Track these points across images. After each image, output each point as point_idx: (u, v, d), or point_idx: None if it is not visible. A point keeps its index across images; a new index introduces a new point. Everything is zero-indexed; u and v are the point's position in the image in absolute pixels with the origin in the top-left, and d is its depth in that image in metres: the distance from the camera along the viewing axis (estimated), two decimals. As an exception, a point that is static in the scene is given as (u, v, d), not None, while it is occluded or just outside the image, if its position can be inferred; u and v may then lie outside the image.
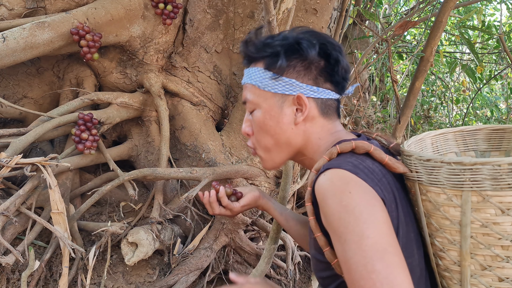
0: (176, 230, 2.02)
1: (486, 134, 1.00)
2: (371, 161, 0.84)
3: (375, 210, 0.74)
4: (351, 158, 0.82)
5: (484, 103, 5.07)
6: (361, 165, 0.80)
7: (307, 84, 0.92)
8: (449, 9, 2.02)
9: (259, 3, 2.22)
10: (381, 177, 0.81)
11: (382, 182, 0.80)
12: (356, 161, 0.81)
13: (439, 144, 1.00)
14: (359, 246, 0.70)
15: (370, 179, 0.78)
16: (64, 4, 1.87)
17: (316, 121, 0.94)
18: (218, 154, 2.08)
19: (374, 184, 0.78)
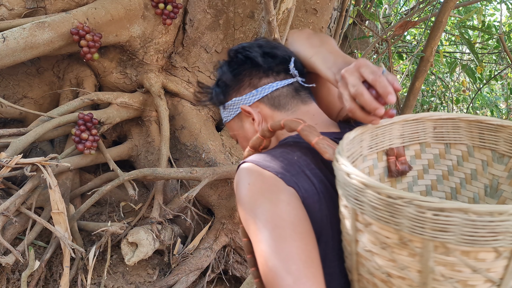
0: (176, 230, 2.02)
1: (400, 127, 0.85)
2: (303, 151, 0.78)
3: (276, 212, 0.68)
4: (276, 151, 0.79)
5: (484, 103, 5.07)
6: (281, 158, 0.76)
7: (245, 94, 0.94)
8: (449, 9, 2.02)
9: (259, 3, 2.22)
10: (300, 169, 0.74)
11: (300, 174, 0.73)
12: (279, 153, 0.77)
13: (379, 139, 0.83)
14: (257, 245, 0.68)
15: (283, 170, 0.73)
16: (64, 4, 1.87)
17: (275, 118, 0.92)
18: (218, 154, 2.08)
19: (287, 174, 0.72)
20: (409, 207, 0.55)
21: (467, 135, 0.83)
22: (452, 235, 0.54)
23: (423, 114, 0.84)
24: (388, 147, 0.84)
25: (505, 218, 0.52)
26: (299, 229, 0.67)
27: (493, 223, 0.52)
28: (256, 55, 0.92)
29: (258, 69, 0.93)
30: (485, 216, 0.52)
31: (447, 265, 0.56)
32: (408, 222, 0.56)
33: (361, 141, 0.80)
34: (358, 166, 0.79)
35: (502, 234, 0.53)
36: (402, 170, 0.84)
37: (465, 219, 0.53)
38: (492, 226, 0.52)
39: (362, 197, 0.61)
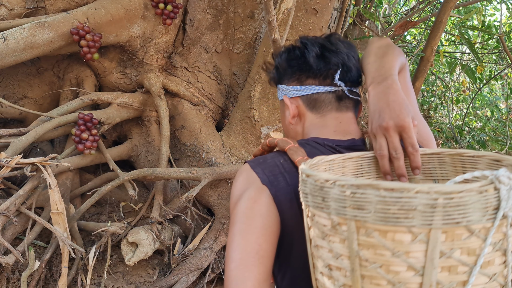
0: (176, 230, 2.02)
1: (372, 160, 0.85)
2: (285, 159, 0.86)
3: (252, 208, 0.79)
4: (269, 155, 0.90)
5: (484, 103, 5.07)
6: (269, 160, 0.87)
7: (292, 85, 0.99)
8: (449, 9, 2.02)
9: (259, 3, 2.22)
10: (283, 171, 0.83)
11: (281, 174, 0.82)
12: (270, 157, 0.88)
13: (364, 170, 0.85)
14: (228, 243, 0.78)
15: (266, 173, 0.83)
16: (64, 4, 1.86)
17: (306, 117, 0.99)
18: (218, 154, 2.08)
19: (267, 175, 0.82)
20: (334, 188, 0.60)
21: (452, 170, 0.84)
22: (367, 213, 0.57)
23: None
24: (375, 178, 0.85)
25: (413, 195, 0.53)
26: (255, 224, 0.77)
27: (402, 199, 0.54)
28: (310, 56, 0.95)
29: (309, 68, 0.96)
30: (394, 192, 0.54)
31: (370, 247, 0.58)
32: (334, 204, 0.60)
33: (343, 167, 0.82)
34: None
35: (412, 212, 0.54)
36: None
37: (377, 195, 0.55)
38: (401, 202, 0.54)
39: (305, 188, 0.66)
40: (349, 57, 0.94)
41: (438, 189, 0.53)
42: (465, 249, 0.56)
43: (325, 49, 0.94)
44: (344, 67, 0.93)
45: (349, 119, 0.96)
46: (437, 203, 0.53)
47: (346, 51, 0.94)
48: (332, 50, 0.94)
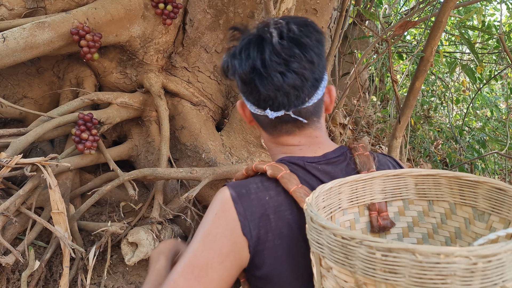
0: (176, 230, 2.02)
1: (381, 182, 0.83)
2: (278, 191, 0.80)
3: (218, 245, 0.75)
4: (255, 184, 0.81)
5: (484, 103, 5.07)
6: (253, 196, 0.79)
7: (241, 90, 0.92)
8: (449, 9, 2.02)
9: (259, 3, 2.23)
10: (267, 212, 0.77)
11: (264, 217, 0.77)
12: (254, 189, 0.80)
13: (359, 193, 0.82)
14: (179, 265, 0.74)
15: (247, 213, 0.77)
16: (64, 4, 1.87)
17: (262, 132, 0.92)
18: (218, 154, 2.08)
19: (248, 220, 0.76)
20: (360, 247, 0.56)
21: (448, 192, 0.82)
22: (401, 277, 0.54)
23: (403, 170, 0.83)
24: (369, 202, 0.83)
25: (451, 260, 0.51)
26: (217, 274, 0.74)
27: (439, 265, 0.52)
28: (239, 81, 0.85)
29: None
30: (431, 257, 0.52)
31: None
32: (360, 264, 0.57)
33: (339, 193, 0.80)
34: (337, 218, 0.80)
35: (450, 277, 0.52)
36: (384, 225, 0.83)
37: (412, 260, 0.53)
38: (439, 268, 0.52)
39: (322, 240, 0.62)
40: (286, 77, 0.79)
41: (477, 253, 0.51)
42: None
43: (254, 74, 0.80)
44: (278, 93, 0.80)
45: (308, 136, 0.88)
46: (477, 267, 0.52)
47: (284, 69, 0.79)
48: (262, 76, 0.79)
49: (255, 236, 0.76)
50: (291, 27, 0.80)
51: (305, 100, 0.82)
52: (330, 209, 0.78)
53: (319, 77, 0.83)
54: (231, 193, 0.79)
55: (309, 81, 0.81)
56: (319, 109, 0.88)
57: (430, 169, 0.83)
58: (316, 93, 0.83)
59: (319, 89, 0.84)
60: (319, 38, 0.83)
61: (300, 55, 0.79)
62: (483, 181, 0.76)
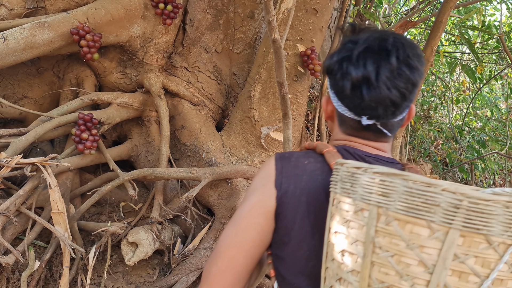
0: (176, 230, 2.02)
1: None
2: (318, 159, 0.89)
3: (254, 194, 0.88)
4: (300, 152, 0.93)
5: (484, 103, 5.07)
6: (293, 158, 0.90)
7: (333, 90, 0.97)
8: (449, 9, 2.02)
9: (259, 3, 2.22)
10: (302, 172, 0.87)
11: (298, 176, 0.86)
12: (297, 154, 0.92)
13: None
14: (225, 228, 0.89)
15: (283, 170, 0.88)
16: (64, 4, 1.86)
17: (336, 126, 0.99)
18: (218, 154, 2.08)
19: (282, 175, 0.87)
20: (364, 174, 0.63)
21: None
22: (392, 200, 0.59)
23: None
24: None
25: (439, 191, 0.55)
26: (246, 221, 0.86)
27: (428, 193, 0.56)
28: (346, 87, 0.89)
29: (344, 96, 0.93)
30: (422, 186, 0.56)
31: (386, 235, 0.60)
32: (361, 189, 0.64)
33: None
34: None
35: (435, 207, 0.55)
36: None
37: (404, 185, 0.58)
38: (426, 196, 0.56)
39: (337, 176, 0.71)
40: (392, 92, 0.85)
41: (465, 191, 0.54)
42: (480, 259, 0.56)
43: (365, 81, 0.85)
44: (379, 105, 0.86)
45: (376, 147, 0.94)
46: (461, 204, 0.54)
47: (393, 84, 0.85)
48: (371, 86, 0.85)
49: (284, 189, 0.85)
50: (406, 50, 0.87)
51: (396, 116, 0.90)
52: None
53: (413, 98, 0.91)
54: (276, 155, 0.92)
55: (407, 100, 0.88)
56: (400, 125, 0.95)
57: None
58: (405, 111, 0.92)
59: (408, 108, 0.92)
60: (423, 64, 0.91)
61: (409, 76, 0.86)
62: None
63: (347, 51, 0.90)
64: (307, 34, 1.97)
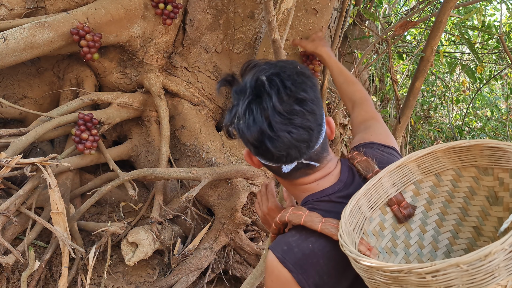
0: (176, 230, 2.02)
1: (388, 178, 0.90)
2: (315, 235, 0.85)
3: None
4: (293, 236, 0.87)
5: (484, 103, 5.07)
6: (296, 249, 0.84)
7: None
8: (449, 9, 2.02)
9: (259, 3, 2.22)
10: (316, 258, 0.83)
11: (316, 264, 0.82)
12: (295, 242, 0.85)
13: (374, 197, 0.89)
14: None
15: (296, 268, 0.82)
16: (64, 4, 1.86)
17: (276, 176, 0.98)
18: (218, 154, 2.08)
19: (300, 272, 0.82)
20: (410, 275, 0.61)
21: (448, 161, 0.89)
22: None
23: (402, 160, 0.90)
24: (386, 200, 0.91)
25: (491, 258, 0.57)
26: None
27: (483, 267, 0.57)
28: (249, 145, 0.87)
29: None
30: (475, 263, 0.57)
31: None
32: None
33: (359, 207, 0.86)
34: (367, 228, 0.87)
35: (496, 271, 0.57)
36: (408, 213, 0.91)
37: (459, 271, 0.58)
38: (484, 269, 0.57)
39: (374, 279, 0.68)
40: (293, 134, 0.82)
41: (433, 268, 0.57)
42: None
43: (264, 136, 0.82)
44: (290, 150, 0.84)
45: (322, 173, 0.93)
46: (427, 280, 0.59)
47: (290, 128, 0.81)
48: (272, 138, 0.82)
49: (312, 284, 0.82)
50: (286, 84, 0.83)
51: (314, 147, 0.87)
52: (359, 227, 0.85)
53: (321, 121, 0.87)
54: (276, 255, 0.85)
55: (314, 130, 0.85)
56: (325, 145, 0.92)
57: (425, 149, 0.90)
58: (321, 135, 0.88)
59: (323, 130, 0.89)
60: (312, 83, 0.86)
61: (301, 110, 0.82)
62: (475, 144, 0.84)
63: (235, 107, 0.87)
64: (307, 34, 1.96)
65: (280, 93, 0.82)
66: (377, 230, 0.90)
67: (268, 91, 0.82)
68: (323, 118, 0.89)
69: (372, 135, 1.11)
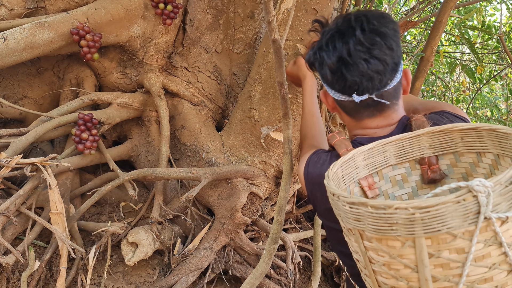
0: (176, 230, 2.02)
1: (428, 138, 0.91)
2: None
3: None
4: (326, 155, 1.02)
5: (484, 103, 5.07)
6: (318, 165, 1.00)
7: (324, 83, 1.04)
8: (449, 9, 2.02)
9: (259, 3, 2.22)
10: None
11: (322, 185, 0.90)
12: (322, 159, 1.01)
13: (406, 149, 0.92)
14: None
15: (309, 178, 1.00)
16: (64, 4, 1.86)
17: (343, 116, 1.05)
18: (218, 154, 2.08)
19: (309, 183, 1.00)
20: (339, 201, 0.71)
21: (490, 144, 0.88)
22: (363, 224, 0.68)
23: (447, 126, 0.89)
24: (419, 157, 0.93)
25: (393, 211, 0.62)
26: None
27: (385, 215, 0.63)
28: (326, 72, 0.94)
29: (328, 81, 0.98)
30: (379, 210, 0.63)
31: (373, 250, 0.69)
32: (343, 214, 0.72)
33: (384, 151, 0.90)
34: (386, 173, 0.93)
35: (395, 225, 0.63)
36: (434, 178, 0.92)
37: (366, 211, 0.65)
38: (385, 218, 0.64)
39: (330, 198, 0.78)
40: (370, 63, 0.88)
41: (415, 205, 0.60)
42: (453, 249, 0.63)
43: (341, 63, 0.90)
44: (363, 79, 0.89)
45: (386, 118, 0.98)
46: (415, 217, 0.61)
47: (367, 57, 0.88)
48: (348, 64, 0.89)
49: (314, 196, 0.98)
50: (370, 20, 0.90)
51: (387, 83, 0.92)
52: (374, 166, 0.90)
53: (398, 61, 0.92)
54: (307, 160, 1.03)
55: (389, 65, 0.90)
56: (398, 91, 0.98)
57: (471, 123, 0.89)
58: (395, 76, 0.93)
59: (398, 73, 0.93)
60: (395, 27, 0.92)
61: (381, 42, 0.88)
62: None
63: (318, 42, 0.96)
64: (307, 34, 1.96)
65: (363, 26, 0.89)
66: (397, 179, 0.93)
67: (353, 25, 0.90)
68: (401, 61, 0.93)
69: (445, 106, 1.11)
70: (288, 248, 2.14)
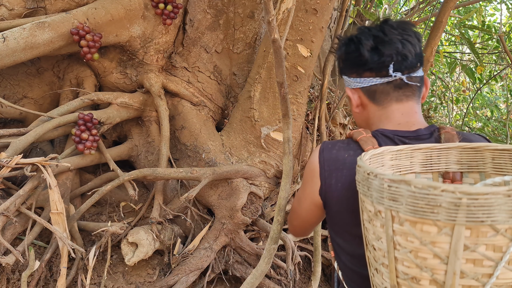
0: (176, 230, 2.02)
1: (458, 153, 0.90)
2: (357, 152, 0.96)
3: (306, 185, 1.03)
4: (342, 143, 1.01)
5: (484, 103, 5.07)
6: (334, 151, 0.99)
7: (352, 77, 1.06)
8: (449, 9, 2.02)
9: (259, 3, 2.23)
10: (342, 166, 0.95)
11: (339, 170, 0.94)
12: (338, 146, 0.99)
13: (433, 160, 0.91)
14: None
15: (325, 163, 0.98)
16: (64, 4, 1.86)
17: (369, 108, 1.05)
18: (218, 154, 2.08)
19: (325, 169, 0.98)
20: (375, 179, 0.68)
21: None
22: (400, 204, 0.64)
23: (480, 144, 0.88)
24: (444, 170, 0.91)
25: (439, 193, 0.59)
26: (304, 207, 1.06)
27: (429, 196, 0.60)
28: (364, 50, 0.99)
29: (365, 62, 1.01)
30: (423, 189, 0.61)
31: (402, 234, 0.66)
32: (375, 193, 0.69)
33: (412, 157, 0.89)
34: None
35: (437, 208, 0.60)
36: None
37: (408, 190, 0.63)
38: (428, 198, 0.60)
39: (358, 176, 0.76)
40: (404, 44, 0.96)
41: (463, 189, 0.57)
42: (490, 245, 0.60)
43: (378, 41, 0.98)
44: (398, 56, 0.96)
45: (411, 109, 1.01)
46: (461, 202, 0.58)
47: (401, 38, 0.97)
48: (385, 41, 0.97)
49: (328, 183, 0.95)
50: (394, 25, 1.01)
51: (416, 66, 0.99)
52: (399, 168, 0.90)
53: (421, 55, 1.00)
54: (320, 146, 1.02)
55: (418, 54, 0.98)
56: (422, 87, 1.03)
57: (506, 145, 0.87)
58: (420, 68, 1.00)
59: (421, 67, 1.00)
60: (417, 33, 1.02)
61: (411, 30, 0.99)
62: None
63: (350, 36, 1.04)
64: (307, 34, 1.96)
65: (392, 23, 1.01)
66: None
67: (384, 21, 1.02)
68: (422, 62, 1.02)
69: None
70: (288, 248, 2.14)
